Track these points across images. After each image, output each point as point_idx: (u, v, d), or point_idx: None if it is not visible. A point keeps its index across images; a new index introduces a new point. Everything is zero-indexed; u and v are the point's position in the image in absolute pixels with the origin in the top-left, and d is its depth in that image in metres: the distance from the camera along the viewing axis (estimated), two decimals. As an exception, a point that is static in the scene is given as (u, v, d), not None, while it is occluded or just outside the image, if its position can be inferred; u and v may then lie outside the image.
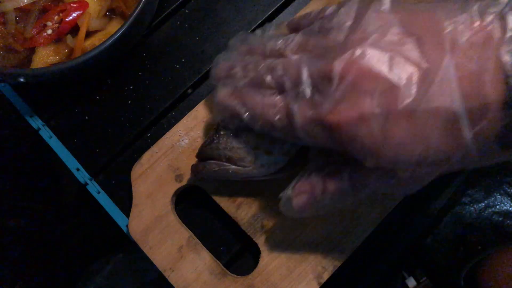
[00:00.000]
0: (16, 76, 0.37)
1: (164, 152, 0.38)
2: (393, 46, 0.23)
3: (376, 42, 0.23)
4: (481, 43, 0.21)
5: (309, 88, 0.25)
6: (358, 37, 0.24)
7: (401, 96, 0.22)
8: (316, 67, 0.25)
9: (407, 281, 0.55)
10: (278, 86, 0.27)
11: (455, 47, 0.22)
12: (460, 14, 0.22)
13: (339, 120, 0.23)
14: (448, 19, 0.22)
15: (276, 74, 0.27)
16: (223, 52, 0.34)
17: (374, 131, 0.23)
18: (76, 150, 0.42)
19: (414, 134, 0.22)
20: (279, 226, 0.36)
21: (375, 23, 0.24)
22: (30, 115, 0.43)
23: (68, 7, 0.41)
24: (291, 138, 0.28)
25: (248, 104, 0.29)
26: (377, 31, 0.23)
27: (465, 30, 0.22)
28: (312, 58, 0.26)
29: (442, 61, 0.21)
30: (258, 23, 0.44)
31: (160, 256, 0.36)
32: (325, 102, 0.24)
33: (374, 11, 0.24)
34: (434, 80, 0.21)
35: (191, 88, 0.43)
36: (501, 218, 0.63)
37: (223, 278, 0.35)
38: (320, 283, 0.34)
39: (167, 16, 0.46)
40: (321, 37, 0.26)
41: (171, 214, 0.37)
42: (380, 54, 0.23)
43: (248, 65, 0.30)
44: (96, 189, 0.41)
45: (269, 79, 0.28)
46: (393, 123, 0.22)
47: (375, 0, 0.25)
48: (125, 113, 0.43)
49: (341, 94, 0.23)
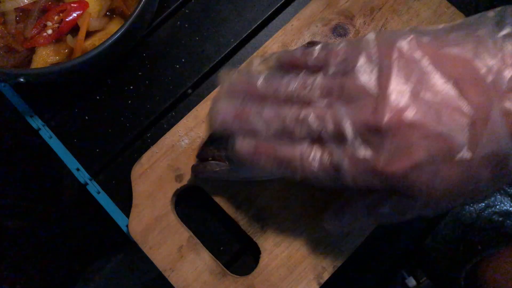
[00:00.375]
0: (16, 76, 0.37)
1: (164, 152, 0.38)
2: (434, 94, 0.23)
3: (416, 90, 0.23)
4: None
5: (358, 142, 0.24)
6: (395, 85, 0.23)
7: (454, 147, 0.22)
8: (357, 118, 0.24)
9: (407, 281, 0.55)
10: (311, 135, 0.26)
11: (497, 91, 0.22)
12: (485, 49, 0.23)
13: (394, 171, 0.24)
14: (477, 56, 0.23)
15: (311, 126, 0.25)
16: (217, 94, 0.30)
17: (428, 177, 0.23)
18: (76, 150, 0.42)
19: (466, 178, 0.23)
20: (279, 226, 0.36)
21: (406, 66, 0.24)
22: (30, 115, 0.43)
23: (68, 7, 0.41)
24: (336, 185, 0.26)
25: (281, 157, 0.27)
26: (412, 77, 0.23)
27: (500, 70, 0.22)
28: (346, 106, 0.25)
29: (488, 107, 0.22)
30: (258, 23, 0.44)
31: (160, 256, 0.36)
32: (377, 155, 0.24)
33: (397, 50, 0.24)
34: (486, 128, 0.22)
35: (191, 88, 0.43)
36: (501, 218, 0.63)
37: (223, 278, 0.35)
38: (320, 283, 0.34)
39: (167, 16, 0.46)
40: (347, 79, 0.25)
41: (171, 214, 0.37)
42: (425, 105, 0.23)
43: (265, 113, 0.27)
44: (96, 189, 0.41)
45: (301, 130, 0.26)
46: (446, 170, 0.23)
47: (393, 34, 0.25)
48: (125, 113, 0.43)
49: (393, 147, 0.23)
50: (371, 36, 0.26)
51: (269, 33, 0.44)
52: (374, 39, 0.25)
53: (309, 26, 0.41)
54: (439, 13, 0.40)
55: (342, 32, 0.40)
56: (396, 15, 0.41)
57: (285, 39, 0.40)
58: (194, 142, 0.38)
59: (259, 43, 0.44)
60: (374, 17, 0.41)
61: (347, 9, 0.41)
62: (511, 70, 0.22)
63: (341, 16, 0.41)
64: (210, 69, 0.44)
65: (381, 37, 0.25)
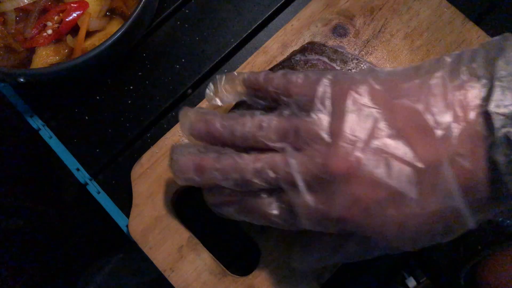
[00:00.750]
0: (16, 76, 0.37)
1: (164, 152, 0.38)
2: (385, 145, 0.23)
3: (368, 139, 0.23)
4: (469, 140, 0.22)
5: (309, 190, 0.25)
6: (347, 132, 0.24)
7: (403, 201, 0.23)
8: (308, 167, 0.24)
9: (407, 281, 0.55)
10: (269, 184, 0.26)
11: (447, 147, 0.22)
12: (436, 102, 0.23)
13: (345, 217, 0.24)
14: (428, 110, 0.23)
15: (266, 177, 0.26)
16: (178, 144, 0.31)
17: (379, 223, 0.24)
18: (76, 150, 0.42)
19: (420, 229, 0.24)
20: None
21: (359, 113, 0.24)
22: (30, 115, 0.43)
23: (68, 7, 0.41)
24: (298, 229, 0.27)
25: (244, 207, 0.28)
26: (365, 125, 0.24)
27: (450, 125, 0.22)
28: (299, 152, 0.25)
29: (438, 163, 0.22)
30: (258, 23, 0.45)
31: (160, 256, 0.36)
32: (328, 203, 0.24)
33: (352, 97, 0.25)
34: (436, 184, 0.22)
35: (191, 88, 0.43)
36: (501, 218, 0.63)
37: (223, 278, 0.35)
38: (321, 283, 0.34)
39: (167, 16, 0.46)
40: (302, 122, 0.25)
41: (171, 214, 0.37)
42: (376, 156, 0.23)
43: (223, 163, 0.27)
44: (96, 189, 0.41)
45: (259, 181, 0.26)
46: (397, 217, 0.23)
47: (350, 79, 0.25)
48: (125, 113, 0.43)
49: (343, 195, 0.24)
50: (328, 77, 0.26)
51: (269, 33, 0.44)
52: (330, 81, 0.26)
53: (309, 26, 0.41)
54: (439, 13, 0.40)
55: (342, 32, 0.40)
56: (396, 15, 0.41)
57: (285, 39, 0.40)
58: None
59: (259, 43, 0.44)
60: (374, 17, 0.41)
61: (347, 9, 0.41)
62: (461, 125, 0.22)
63: (341, 16, 0.41)
64: (210, 69, 0.44)
65: (337, 79, 0.26)
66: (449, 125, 0.22)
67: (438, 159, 0.22)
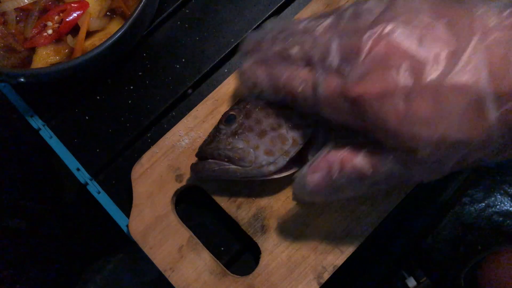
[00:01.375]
0: (16, 76, 0.37)
1: (164, 152, 0.38)
2: (424, 26, 0.23)
3: (407, 21, 0.23)
4: (509, 29, 0.21)
5: (337, 59, 0.25)
6: (388, 16, 0.24)
7: (428, 72, 0.22)
8: (345, 41, 0.25)
9: (407, 281, 0.55)
10: (306, 60, 0.27)
11: (485, 30, 0.22)
12: (489, 4, 0.22)
13: (363, 93, 0.24)
14: (479, 6, 0.23)
15: (304, 47, 0.27)
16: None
17: (397, 106, 0.23)
18: (76, 150, 0.42)
19: (438, 110, 0.22)
20: (280, 226, 0.36)
21: (406, 6, 0.24)
22: (30, 115, 0.44)
23: (68, 7, 0.41)
24: (313, 111, 0.27)
25: (272, 74, 0.29)
26: (408, 12, 0.24)
27: (495, 16, 0.22)
28: (342, 34, 0.26)
29: (470, 42, 0.22)
30: (258, 23, 0.44)
31: (160, 256, 0.36)
32: (351, 74, 0.24)
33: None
34: (462, 58, 0.21)
35: (191, 88, 0.43)
36: (501, 218, 0.64)
37: (223, 278, 0.35)
38: (320, 283, 0.34)
39: (167, 16, 0.46)
40: (352, 19, 0.26)
41: (172, 214, 0.37)
42: (410, 31, 0.23)
43: (277, 40, 0.30)
44: (96, 189, 0.41)
45: (296, 51, 0.28)
46: (417, 98, 0.22)
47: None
48: (125, 113, 0.43)
49: (367, 68, 0.24)
50: None
51: (269, 33, 0.44)
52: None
53: (309, 26, 0.41)
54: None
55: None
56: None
57: (285, 39, 0.40)
58: (194, 142, 0.38)
59: (259, 43, 0.44)
60: (374, 17, 0.41)
61: (347, 9, 0.41)
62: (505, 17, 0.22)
63: (341, 16, 0.41)
64: (210, 69, 0.44)
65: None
66: (492, 15, 0.22)
67: (473, 40, 0.22)
